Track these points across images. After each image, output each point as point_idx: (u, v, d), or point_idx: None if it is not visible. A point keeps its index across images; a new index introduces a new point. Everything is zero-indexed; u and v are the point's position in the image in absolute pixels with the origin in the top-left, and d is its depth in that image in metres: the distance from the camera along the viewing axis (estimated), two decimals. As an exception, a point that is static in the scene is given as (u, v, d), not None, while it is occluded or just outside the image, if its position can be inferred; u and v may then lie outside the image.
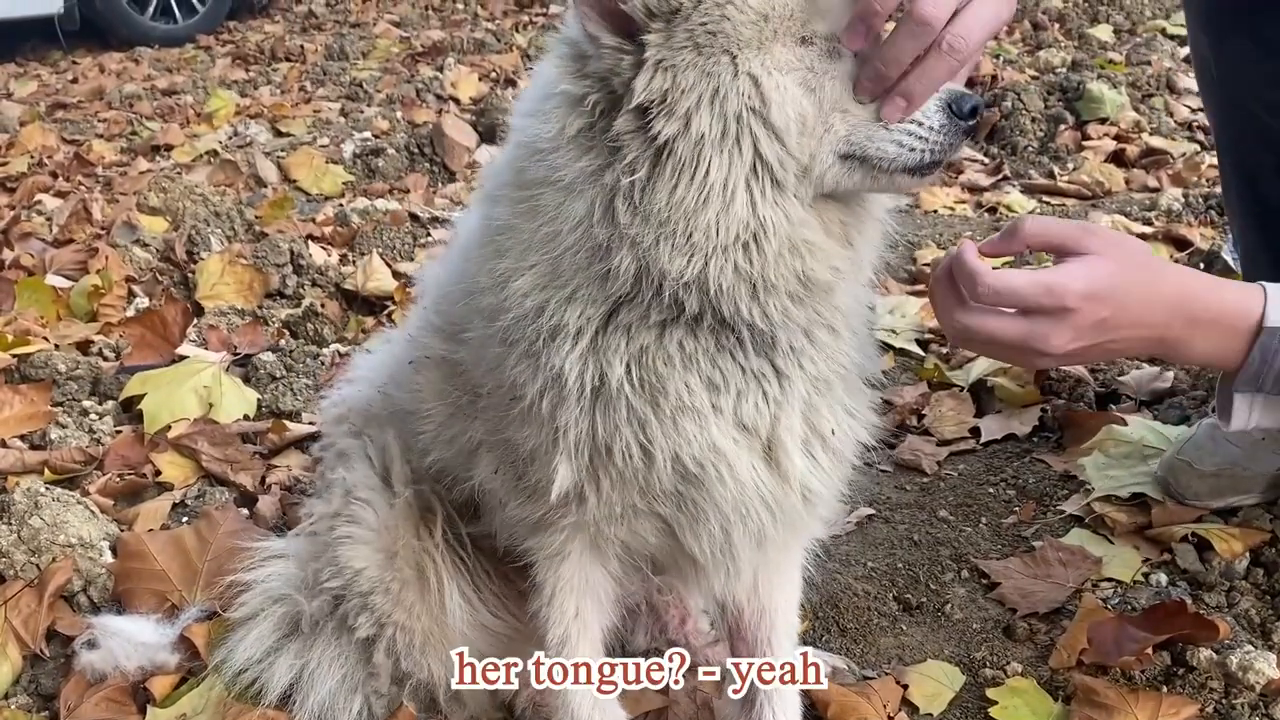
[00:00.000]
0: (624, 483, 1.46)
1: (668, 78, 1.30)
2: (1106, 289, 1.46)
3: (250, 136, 6.14)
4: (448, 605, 1.76)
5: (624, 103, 1.32)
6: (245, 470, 2.74)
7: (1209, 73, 2.17)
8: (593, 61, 1.34)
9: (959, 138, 1.38)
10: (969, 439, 2.78)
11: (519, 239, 1.42)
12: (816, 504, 1.59)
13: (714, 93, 1.30)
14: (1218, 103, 2.23)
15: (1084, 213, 4.19)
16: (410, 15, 9.41)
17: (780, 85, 1.31)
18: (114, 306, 3.71)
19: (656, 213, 1.32)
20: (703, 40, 1.30)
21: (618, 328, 1.41)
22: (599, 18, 1.32)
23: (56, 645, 2.18)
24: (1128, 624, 1.97)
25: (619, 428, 1.42)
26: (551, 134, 1.36)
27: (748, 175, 1.32)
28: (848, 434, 1.56)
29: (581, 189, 1.35)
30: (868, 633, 2.15)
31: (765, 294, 1.37)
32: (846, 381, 1.54)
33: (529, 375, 1.44)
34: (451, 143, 5.33)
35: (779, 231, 1.34)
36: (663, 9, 1.31)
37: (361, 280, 3.83)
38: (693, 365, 1.42)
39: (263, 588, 1.93)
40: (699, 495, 1.48)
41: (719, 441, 1.45)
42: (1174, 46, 6.18)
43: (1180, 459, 2.35)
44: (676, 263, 1.33)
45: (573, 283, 1.40)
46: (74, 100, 7.48)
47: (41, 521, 2.33)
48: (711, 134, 1.30)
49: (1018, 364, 1.55)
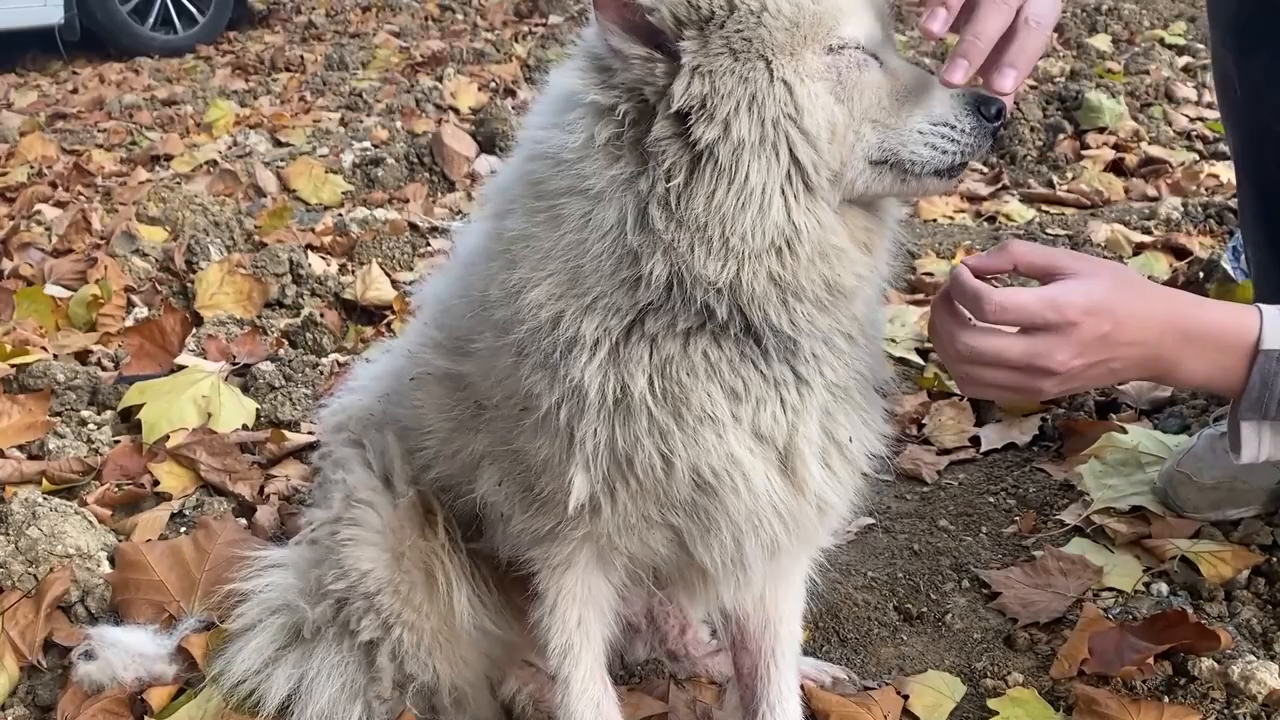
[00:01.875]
0: (643, 493, 1.46)
1: (706, 83, 1.32)
2: (1106, 304, 1.47)
3: (250, 146, 6.15)
4: (456, 607, 1.76)
5: (659, 110, 1.33)
6: (244, 480, 2.74)
7: (1232, 91, 2.15)
8: (620, 73, 1.36)
9: (987, 139, 1.40)
10: (969, 448, 2.78)
11: (536, 248, 1.42)
12: (830, 515, 1.59)
13: (751, 98, 1.32)
14: (1239, 122, 2.21)
15: (1083, 221, 4.19)
16: (410, 25, 9.43)
17: (812, 93, 1.34)
18: (113, 316, 3.71)
19: (694, 217, 1.33)
20: (738, 46, 1.32)
21: (643, 338, 1.41)
22: (624, 31, 1.33)
23: (54, 656, 2.18)
24: (1129, 633, 1.96)
25: (640, 439, 1.42)
26: (578, 144, 1.37)
27: (783, 180, 1.34)
28: (863, 443, 1.57)
29: (612, 196, 1.36)
30: (868, 643, 2.15)
31: (794, 300, 1.39)
32: (863, 389, 1.55)
33: (545, 386, 1.44)
34: (451, 152, 5.33)
35: (811, 237, 1.36)
36: (693, 17, 1.33)
37: (361, 290, 3.84)
38: (715, 374, 1.43)
39: (261, 598, 1.92)
40: (712, 505, 1.48)
41: (736, 451, 1.45)
42: (1172, 56, 6.20)
43: (1179, 471, 2.34)
44: (711, 267, 1.35)
45: (594, 291, 1.40)
46: (74, 110, 7.48)
47: (39, 532, 2.32)
48: (751, 138, 1.32)
49: (1023, 392, 1.54)
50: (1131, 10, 7.13)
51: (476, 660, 1.81)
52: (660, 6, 1.33)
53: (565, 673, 1.67)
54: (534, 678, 1.97)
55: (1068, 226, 4.18)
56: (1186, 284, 3.35)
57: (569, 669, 1.67)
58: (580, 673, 1.67)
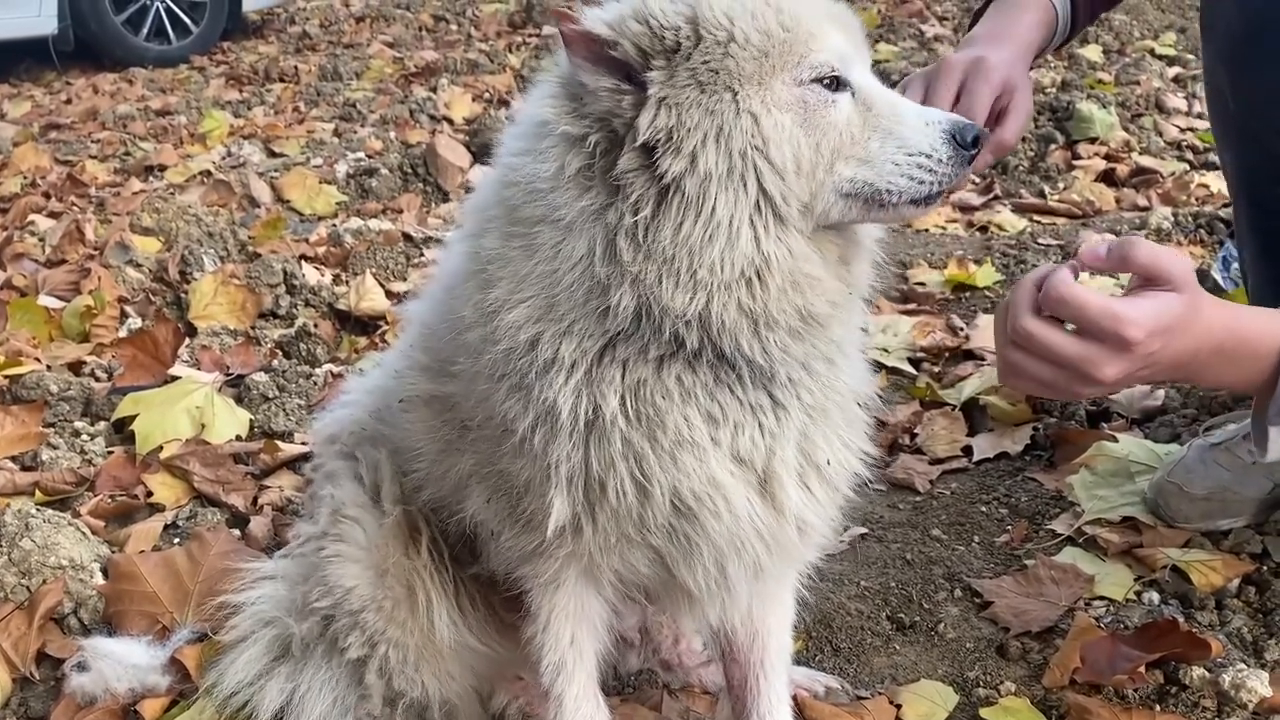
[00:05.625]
0: (619, 517, 1.45)
1: (672, 115, 1.31)
2: (1167, 328, 1.46)
3: (244, 157, 6.15)
4: (436, 624, 1.75)
5: (626, 142, 1.33)
6: (237, 491, 2.74)
7: (1225, 105, 2.16)
8: (590, 103, 1.35)
9: (963, 167, 1.39)
10: (961, 457, 2.79)
11: (512, 271, 1.41)
12: (811, 535, 1.59)
13: (719, 130, 1.31)
14: (1233, 136, 2.21)
15: (1075, 231, 4.21)
16: (404, 36, 9.43)
17: (779, 124, 1.33)
18: (106, 327, 3.70)
19: (661, 250, 1.32)
20: (705, 78, 1.32)
21: (614, 361, 1.40)
22: (593, 64, 1.33)
23: (47, 668, 2.17)
24: (1121, 642, 1.97)
25: (614, 461, 1.41)
26: (550, 173, 1.36)
27: (751, 211, 1.33)
28: (843, 465, 1.56)
29: (582, 228, 1.35)
30: (861, 652, 2.15)
31: (766, 330, 1.38)
32: (843, 409, 1.54)
33: (519, 409, 1.43)
34: (445, 163, 5.34)
35: (783, 266, 1.35)
36: (658, 48, 1.32)
37: (355, 300, 3.84)
38: (691, 399, 1.41)
39: (253, 610, 1.92)
40: (692, 529, 1.47)
41: (717, 474, 1.44)
42: (1162, 66, 6.23)
43: (1170, 481, 2.35)
44: (680, 299, 1.34)
45: (569, 317, 1.39)
46: (68, 121, 7.48)
47: (32, 543, 2.32)
48: (718, 171, 1.31)
49: (1057, 392, 1.53)
50: (1122, 21, 7.17)
51: (462, 675, 1.81)
52: (622, 40, 1.32)
53: (558, 690, 1.66)
54: (525, 690, 1.97)
55: (1059, 237, 4.20)
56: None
57: (562, 686, 1.66)
58: (574, 690, 1.66)
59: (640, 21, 1.33)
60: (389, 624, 1.75)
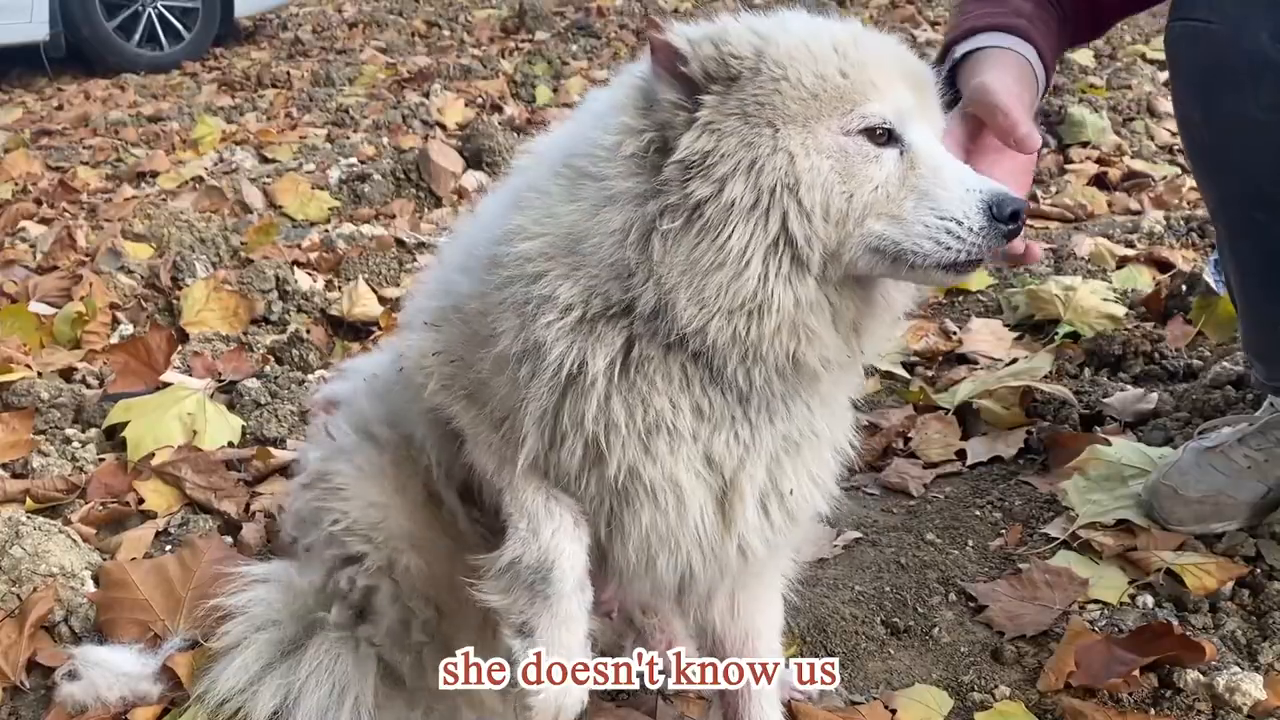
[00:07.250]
0: (568, 474, 1.48)
1: (711, 140, 1.34)
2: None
3: (236, 163, 6.13)
4: (461, 526, 1.73)
5: (672, 154, 1.36)
6: (229, 498, 2.73)
7: (1199, 139, 2.11)
8: (655, 109, 1.39)
9: (999, 240, 1.37)
10: (955, 461, 2.79)
11: (544, 204, 1.44)
12: (751, 560, 1.59)
13: (751, 163, 1.34)
14: (1209, 168, 2.15)
15: (1067, 235, 4.22)
16: (397, 42, 9.43)
17: (815, 167, 1.34)
18: (98, 333, 3.69)
19: (679, 261, 1.36)
20: (751, 110, 1.34)
21: (618, 329, 1.42)
22: (666, 75, 1.37)
23: (37, 676, 2.16)
24: (1115, 646, 1.97)
25: (581, 421, 1.43)
26: (609, 144, 1.41)
27: (767, 248, 1.35)
28: (806, 499, 1.58)
29: (624, 206, 1.39)
30: (855, 656, 2.15)
31: (753, 362, 1.40)
32: (815, 451, 1.56)
33: (511, 330, 1.45)
34: (438, 168, 5.33)
35: (783, 310, 1.37)
36: (721, 74, 1.35)
37: (347, 306, 3.83)
38: (688, 389, 1.45)
39: (246, 615, 1.91)
40: (627, 515, 1.50)
41: (680, 476, 1.47)
42: (1154, 71, 6.25)
43: (1165, 484, 2.35)
44: (688, 312, 1.37)
45: (583, 266, 1.41)
46: (59, 127, 7.46)
47: (23, 551, 2.31)
48: (743, 203, 1.34)
49: None
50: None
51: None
52: (694, 59, 1.35)
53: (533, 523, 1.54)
54: None
55: (1052, 240, 4.21)
56: (1170, 296, 3.37)
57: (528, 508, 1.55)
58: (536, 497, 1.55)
59: (714, 45, 1.37)
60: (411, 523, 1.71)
